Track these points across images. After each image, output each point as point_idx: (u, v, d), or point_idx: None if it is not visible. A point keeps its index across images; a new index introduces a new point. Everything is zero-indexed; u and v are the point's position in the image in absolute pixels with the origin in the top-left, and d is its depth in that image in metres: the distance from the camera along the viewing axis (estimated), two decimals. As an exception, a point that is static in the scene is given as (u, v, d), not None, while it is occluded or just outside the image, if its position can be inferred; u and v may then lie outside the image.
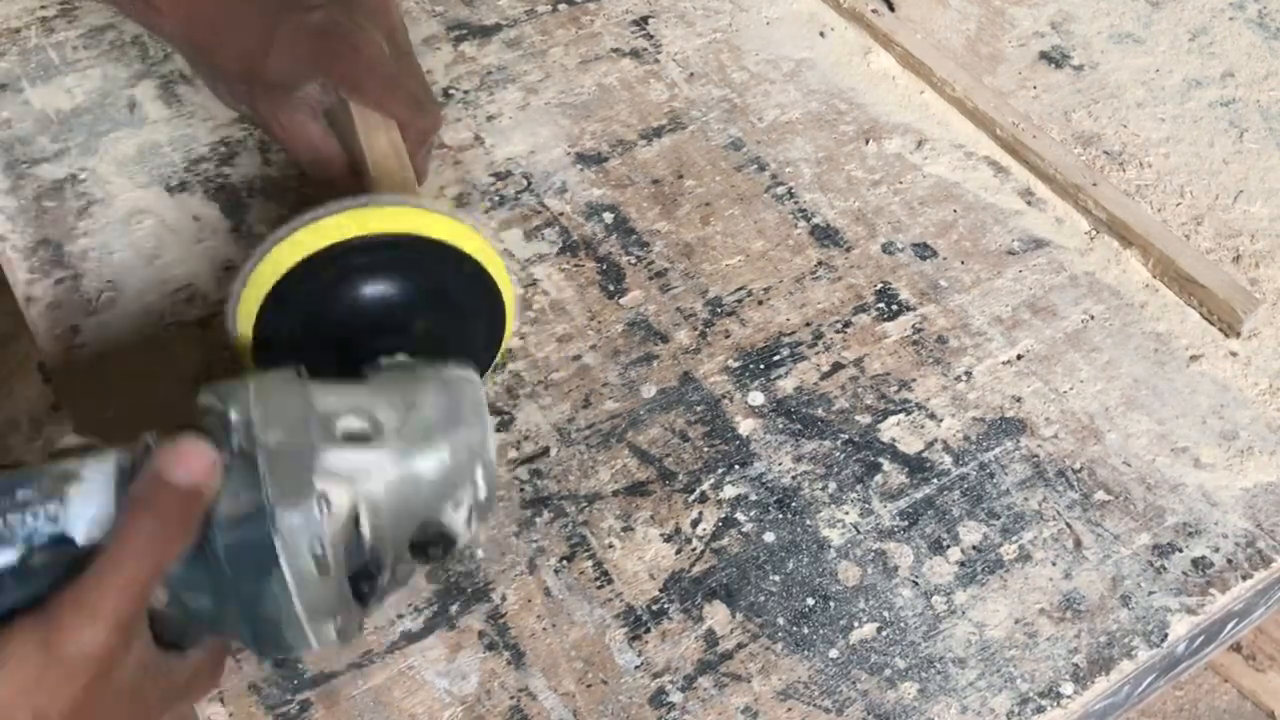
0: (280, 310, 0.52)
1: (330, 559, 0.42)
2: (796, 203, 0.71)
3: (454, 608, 0.55)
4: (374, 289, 0.52)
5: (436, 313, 0.53)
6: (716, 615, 0.55)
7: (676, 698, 0.52)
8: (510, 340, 0.59)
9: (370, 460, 0.44)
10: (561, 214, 0.70)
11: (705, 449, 0.60)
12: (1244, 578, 0.57)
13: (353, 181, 0.60)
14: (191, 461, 0.41)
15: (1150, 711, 1.32)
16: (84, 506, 0.41)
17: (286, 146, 0.62)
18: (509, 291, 0.56)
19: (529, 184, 0.71)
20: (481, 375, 0.57)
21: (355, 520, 0.44)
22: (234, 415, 0.43)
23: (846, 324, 0.66)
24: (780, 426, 0.61)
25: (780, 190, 0.72)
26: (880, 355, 0.64)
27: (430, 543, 0.46)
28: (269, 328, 0.52)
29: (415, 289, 0.53)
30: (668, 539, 0.57)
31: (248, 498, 0.42)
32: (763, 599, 0.55)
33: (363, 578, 0.45)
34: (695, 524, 0.58)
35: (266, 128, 0.62)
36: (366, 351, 0.50)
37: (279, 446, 0.43)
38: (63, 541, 0.40)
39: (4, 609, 0.39)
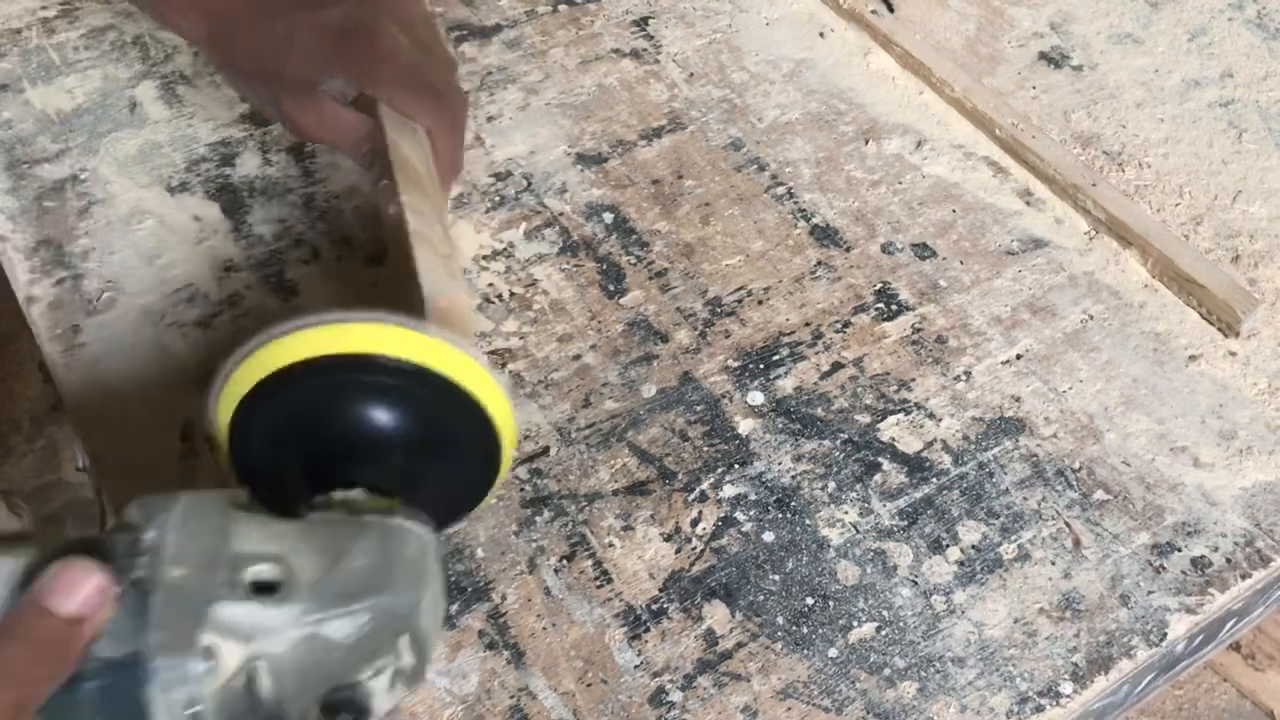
0: (254, 415, 0.47)
1: (210, 717, 0.39)
2: (796, 203, 0.71)
3: (454, 607, 0.55)
4: (342, 411, 0.47)
5: (422, 450, 0.48)
6: (716, 615, 0.55)
7: (676, 697, 0.52)
8: (504, 479, 0.53)
9: (272, 617, 0.40)
10: (561, 214, 0.70)
11: (705, 449, 0.60)
12: (1243, 577, 0.57)
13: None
14: (76, 588, 0.38)
15: (1150, 711, 1.32)
16: None
17: (321, 140, 0.62)
18: (510, 433, 0.49)
19: (529, 184, 0.71)
20: (467, 513, 0.53)
21: (251, 680, 0.40)
22: (148, 538, 0.40)
23: (846, 324, 0.66)
24: (780, 426, 0.61)
25: (780, 190, 0.72)
26: (880, 355, 0.64)
27: (341, 708, 0.42)
28: (247, 427, 0.48)
29: (392, 417, 0.47)
30: (667, 538, 0.57)
31: (129, 640, 0.38)
32: (762, 598, 0.55)
33: None
34: (695, 523, 0.58)
35: (294, 126, 0.61)
36: (331, 474, 0.46)
37: (179, 585, 0.39)
38: None
39: None
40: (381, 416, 0.47)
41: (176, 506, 0.41)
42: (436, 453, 0.48)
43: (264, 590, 0.41)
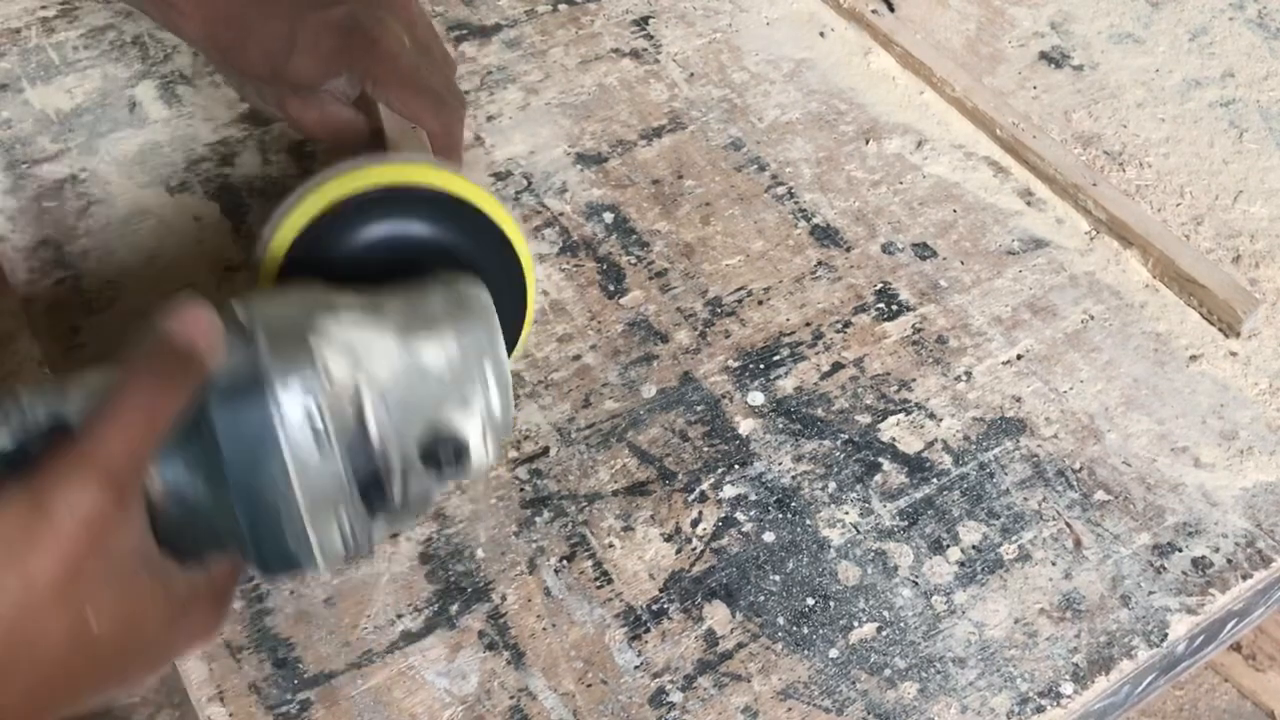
0: (312, 240, 0.50)
1: (331, 432, 0.41)
2: (796, 203, 0.71)
3: (454, 607, 0.55)
4: (404, 232, 0.51)
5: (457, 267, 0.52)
6: (716, 615, 0.55)
7: (676, 697, 0.52)
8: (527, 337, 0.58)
9: (372, 338, 0.43)
10: (561, 214, 0.70)
11: (705, 449, 0.60)
12: (1244, 577, 0.57)
13: None
14: (192, 322, 0.40)
15: (1150, 711, 1.32)
16: (83, 396, 0.39)
17: (322, 139, 0.62)
18: (530, 279, 0.55)
19: (529, 184, 0.71)
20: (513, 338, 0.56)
21: (360, 412, 0.42)
22: (238, 305, 0.42)
23: (846, 324, 0.66)
24: (780, 426, 0.61)
25: (780, 190, 0.72)
26: (880, 355, 0.64)
27: (441, 446, 0.44)
28: (297, 254, 0.51)
29: (449, 248, 0.51)
30: (668, 539, 0.57)
31: (246, 370, 0.40)
32: (763, 599, 0.55)
33: (372, 487, 0.43)
34: (695, 524, 0.58)
35: (298, 126, 0.62)
36: None
37: (278, 320, 0.41)
38: (60, 426, 0.39)
39: None
40: (445, 248, 0.51)
41: (273, 290, 0.44)
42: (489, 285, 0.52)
43: (358, 315, 0.44)
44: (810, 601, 0.55)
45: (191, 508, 0.41)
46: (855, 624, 0.55)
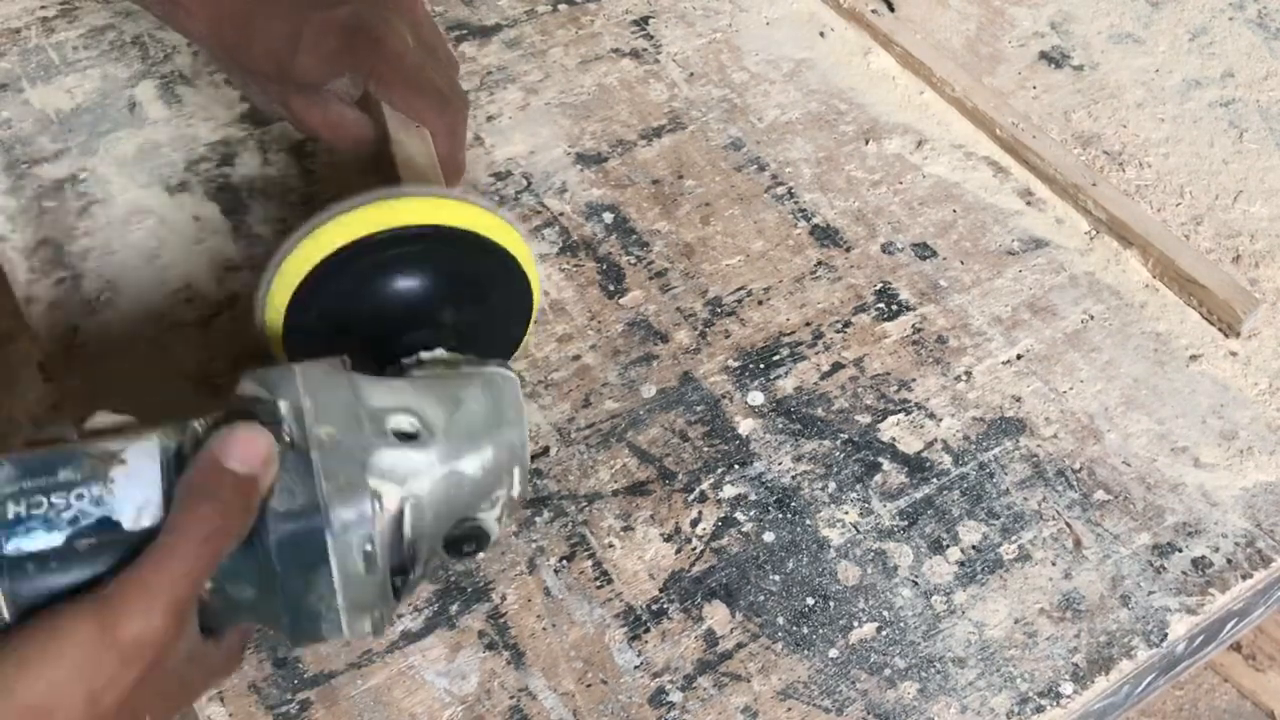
0: (310, 301, 0.51)
1: (379, 558, 0.42)
2: (796, 203, 0.71)
3: (454, 607, 0.55)
4: (404, 282, 0.52)
5: (465, 303, 0.53)
6: (716, 615, 0.55)
7: (676, 697, 0.52)
8: (534, 322, 0.59)
9: (420, 461, 0.44)
10: (561, 214, 0.70)
11: (705, 449, 0.60)
12: (1244, 577, 0.57)
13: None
14: (250, 449, 0.41)
15: (1150, 711, 1.32)
16: (130, 490, 0.40)
17: (325, 139, 0.62)
18: (534, 273, 0.56)
19: (529, 184, 0.71)
20: (508, 358, 0.57)
21: (399, 521, 0.44)
22: (284, 405, 0.43)
23: (846, 324, 0.66)
24: (780, 426, 0.61)
25: (780, 190, 0.72)
26: (880, 355, 0.64)
27: (465, 540, 0.46)
28: (298, 318, 0.52)
29: (444, 281, 0.52)
30: (667, 539, 0.57)
31: (301, 492, 0.41)
32: (762, 599, 0.55)
33: (397, 573, 0.45)
34: (695, 524, 0.58)
35: (302, 125, 0.62)
36: (398, 344, 0.50)
37: (332, 442, 0.42)
38: (109, 526, 0.40)
39: (49, 592, 0.39)
40: (447, 281, 0.52)
41: (296, 373, 0.44)
42: (488, 305, 0.55)
43: (405, 438, 0.45)
44: (810, 601, 0.55)
45: (235, 605, 0.42)
46: (855, 624, 0.55)
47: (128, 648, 0.38)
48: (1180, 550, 0.58)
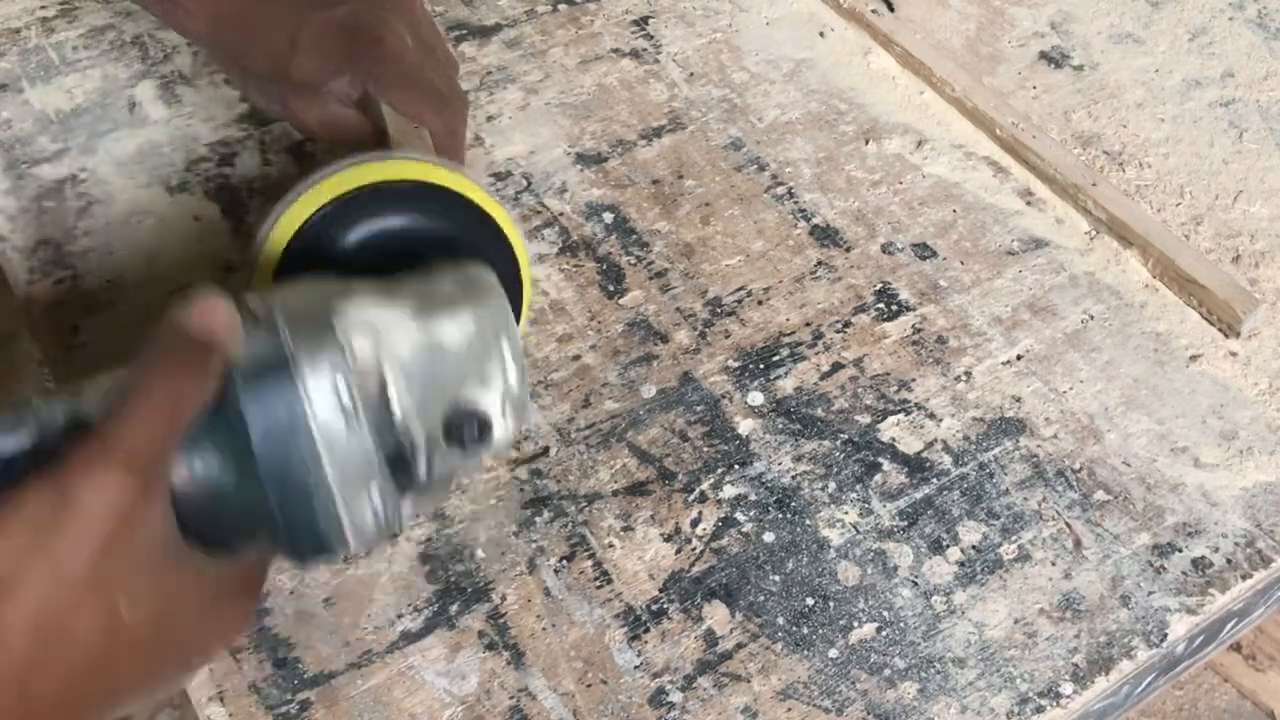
0: (309, 241, 0.51)
1: (359, 410, 0.41)
2: (796, 203, 0.71)
3: (454, 608, 0.55)
4: (402, 229, 0.51)
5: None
6: (716, 615, 0.55)
7: (676, 698, 0.52)
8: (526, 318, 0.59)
9: (391, 318, 0.43)
10: (561, 214, 0.70)
11: (705, 449, 0.60)
12: (1244, 578, 0.57)
13: None
14: (208, 310, 0.40)
15: (1150, 711, 1.32)
16: (99, 394, 0.40)
17: (324, 139, 0.62)
18: (523, 257, 0.55)
19: (529, 184, 0.71)
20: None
21: (384, 391, 0.42)
22: (250, 297, 0.43)
23: (846, 324, 0.66)
24: (780, 426, 0.61)
25: (780, 190, 0.72)
26: (880, 355, 0.64)
27: (465, 424, 0.45)
28: (296, 256, 0.51)
29: (445, 241, 0.52)
30: (667, 539, 0.57)
31: (268, 351, 0.40)
32: (762, 599, 0.55)
33: (398, 466, 0.43)
34: (695, 524, 0.58)
35: (301, 125, 0.62)
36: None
37: (297, 306, 0.42)
38: (79, 423, 0.39)
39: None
40: (438, 240, 0.52)
41: (285, 284, 0.44)
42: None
43: (375, 296, 0.44)
44: (810, 601, 0.55)
45: (220, 496, 0.41)
46: (855, 624, 0.55)
47: (87, 510, 0.36)
48: (1180, 550, 0.58)
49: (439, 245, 0.52)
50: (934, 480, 0.59)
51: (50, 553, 0.36)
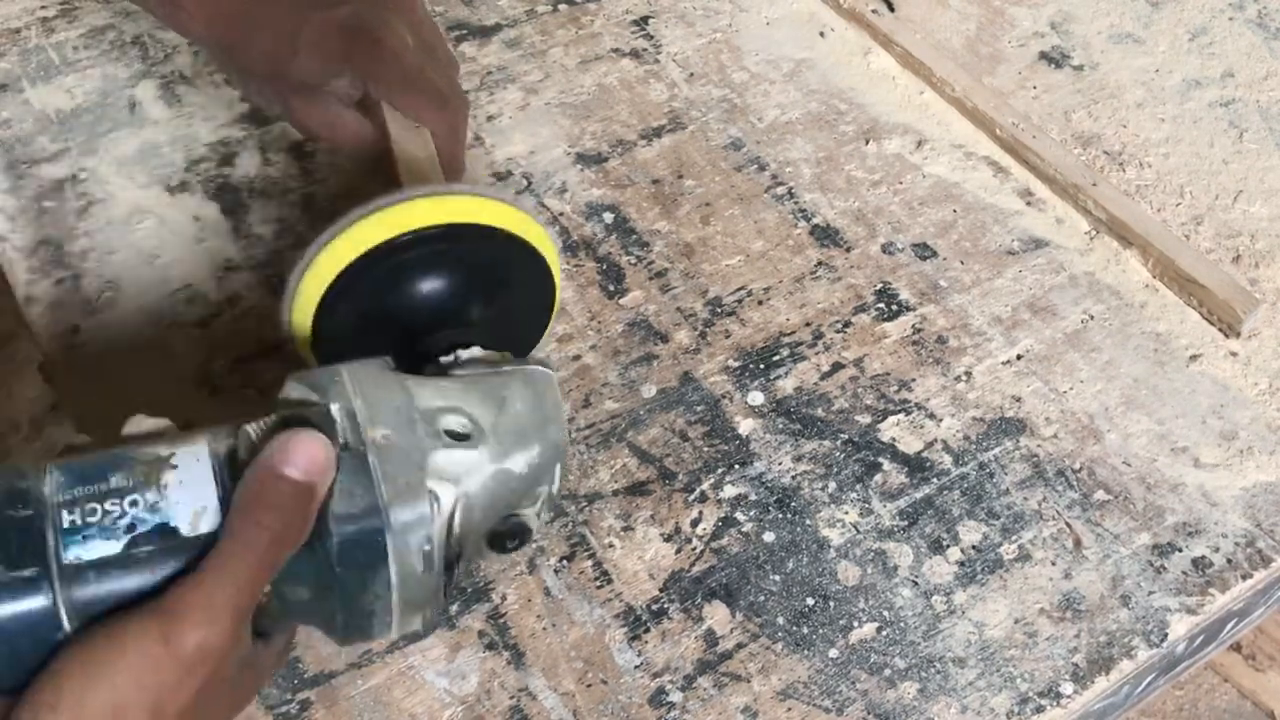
0: (340, 301, 0.51)
1: (436, 558, 0.43)
2: (796, 203, 0.71)
3: (454, 607, 0.55)
4: (434, 280, 0.52)
5: (493, 297, 0.53)
6: (716, 615, 0.55)
7: (676, 697, 0.52)
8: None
9: (472, 460, 0.45)
10: (561, 214, 0.70)
11: (705, 449, 0.60)
12: (1244, 577, 0.57)
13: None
14: (309, 456, 0.40)
15: (1150, 711, 1.32)
16: (184, 495, 0.40)
17: (325, 140, 0.62)
18: (554, 261, 0.56)
19: (529, 184, 0.71)
20: (536, 342, 0.59)
21: (451, 522, 0.44)
22: (335, 408, 0.43)
23: (846, 324, 0.66)
24: (780, 426, 0.61)
25: (780, 190, 0.72)
26: (880, 355, 0.64)
27: (509, 535, 0.47)
28: (327, 319, 0.52)
29: (472, 277, 0.53)
30: (668, 539, 0.57)
31: (361, 495, 0.41)
32: (762, 599, 0.55)
33: (444, 570, 0.45)
34: (695, 524, 0.58)
35: (301, 125, 0.62)
36: (430, 342, 0.50)
37: (388, 443, 0.42)
38: (167, 531, 0.39)
39: (110, 600, 0.38)
40: (479, 279, 0.53)
41: (344, 375, 0.44)
42: (514, 297, 0.55)
43: (457, 438, 0.45)
44: (810, 601, 0.55)
45: (290, 607, 0.42)
46: (855, 624, 0.55)
47: (190, 657, 0.38)
48: (1180, 550, 0.58)
49: (475, 279, 0.53)
50: (934, 480, 0.59)
51: (154, 697, 0.37)
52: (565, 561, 0.56)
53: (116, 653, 0.37)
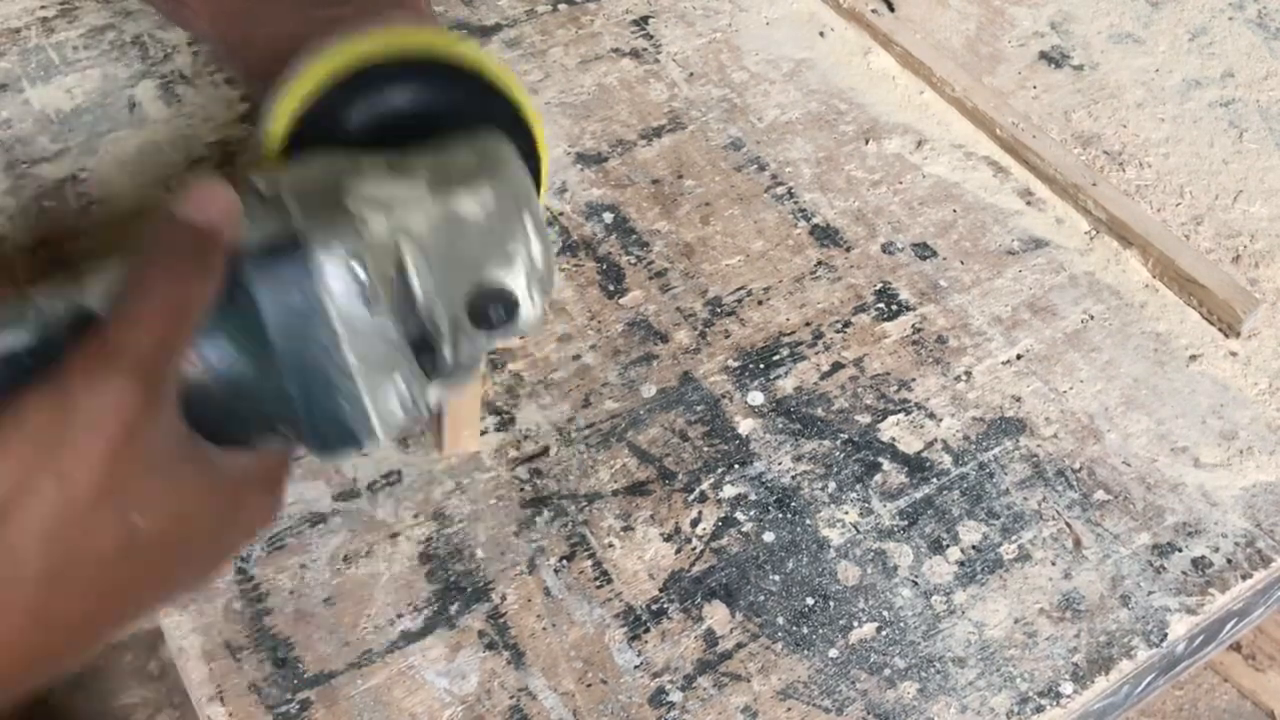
0: (317, 117, 0.48)
1: (377, 290, 0.39)
2: (796, 203, 0.71)
3: (454, 607, 0.55)
4: (410, 103, 0.48)
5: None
6: (716, 615, 0.55)
7: (676, 697, 0.52)
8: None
9: (406, 193, 0.41)
10: (561, 214, 0.70)
11: (705, 449, 0.60)
12: (1243, 577, 0.57)
13: None
14: (209, 198, 0.38)
15: (1150, 711, 1.32)
16: (103, 286, 0.38)
17: None
18: (542, 145, 0.52)
19: (529, 184, 0.71)
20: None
21: (402, 270, 0.40)
22: (257, 178, 0.40)
23: (846, 324, 0.66)
24: (780, 426, 0.61)
25: (780, 190, 0.72)
26: (880, 355, 0.64)
27: (491, 301, 0.42)
28: (305, 131, 0.48)
29: (456, 113, 0.48)
30: (667, 539, 0.57)
31: (278, 230, 0.38)
32: (762, 599, 0.55)
33: (423, 350, 0.41)
34: (695, 524, 0.58)
35: None
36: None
37: (305, 184, 0.40)
38: (83, 317, 0.37)
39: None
40: (455, 114, 0.48)
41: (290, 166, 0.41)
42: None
43: (388, 170, 0.41)
44: (810, 601, 0.55)
45: (236, 386, 0.39)
46: (855, 624, 0.55)
47: (92, 416, 0.35)
48: (1180, 550, 0.58)
49: (452, 119, 0.48)
50: (934, 480, 0.59)
51: (55, 464, 0.34)
52: (565, 561, 0.56)
53: (13, 429, 0.34)
